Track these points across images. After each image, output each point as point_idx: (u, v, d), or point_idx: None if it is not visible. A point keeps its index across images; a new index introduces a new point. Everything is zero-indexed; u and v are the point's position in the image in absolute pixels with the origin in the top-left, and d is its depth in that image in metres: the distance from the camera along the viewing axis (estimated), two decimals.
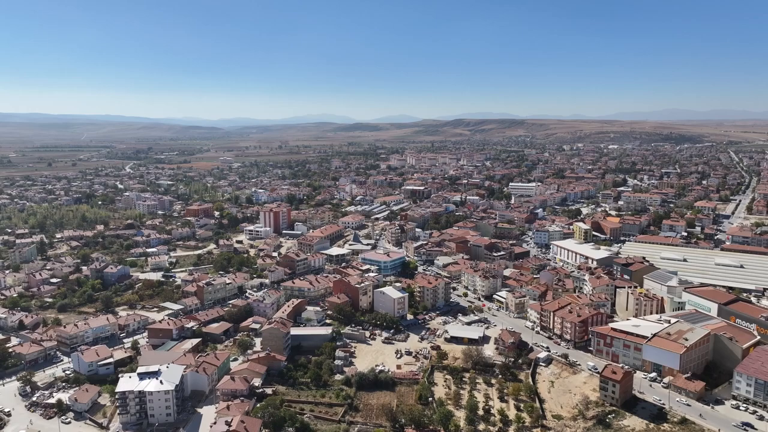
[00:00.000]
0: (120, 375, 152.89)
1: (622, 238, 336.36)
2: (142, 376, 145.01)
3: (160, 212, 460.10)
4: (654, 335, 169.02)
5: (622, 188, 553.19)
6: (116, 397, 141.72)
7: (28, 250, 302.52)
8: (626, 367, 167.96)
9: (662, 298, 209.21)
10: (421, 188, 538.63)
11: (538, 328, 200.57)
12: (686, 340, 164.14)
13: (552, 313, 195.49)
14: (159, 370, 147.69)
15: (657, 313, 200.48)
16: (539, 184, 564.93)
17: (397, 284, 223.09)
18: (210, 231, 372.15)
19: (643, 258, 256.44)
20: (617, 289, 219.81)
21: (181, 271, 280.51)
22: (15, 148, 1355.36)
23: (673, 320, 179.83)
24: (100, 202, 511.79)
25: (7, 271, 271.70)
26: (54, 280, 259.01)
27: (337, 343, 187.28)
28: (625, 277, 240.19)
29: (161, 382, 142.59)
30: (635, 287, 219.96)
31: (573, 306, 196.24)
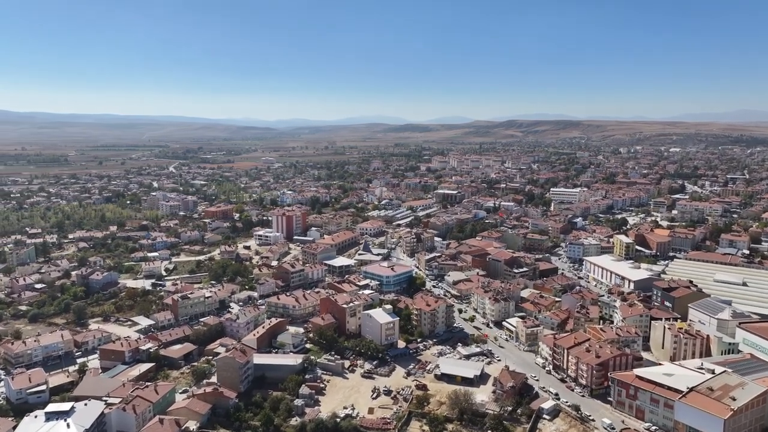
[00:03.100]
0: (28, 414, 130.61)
1: (670, 255, 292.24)
2: (50, 416, 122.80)
3: (181, 213, 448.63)
4: (691, 389, 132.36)
5: (678, 195, 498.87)
6: None
7: (25, 252, 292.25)
8: (653, 428, 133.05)
9: (708, 335, 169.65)
10: (454, 192, 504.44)
11: (550, 367, 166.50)
12: (734, 399, 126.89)
13: (566, 350, 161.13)
14: (72, 408, 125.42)
15: (700, 355, 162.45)
16: (585, 189, 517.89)
17: (388, 306, 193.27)
18: (220, 235, 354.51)
19: (690, 281, 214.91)
20: (653, 321, 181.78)
21: (173, 279, 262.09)
22: (77, 147, 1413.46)
23: (718, 369, 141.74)
24: (128, 202, 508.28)
25: None
26: (39, 286, 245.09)
27: (307, 376, 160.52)
28: (666, 304, 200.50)
29: (68, 425, 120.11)
30: (676, 319, 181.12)
31: (592, 343, 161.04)
